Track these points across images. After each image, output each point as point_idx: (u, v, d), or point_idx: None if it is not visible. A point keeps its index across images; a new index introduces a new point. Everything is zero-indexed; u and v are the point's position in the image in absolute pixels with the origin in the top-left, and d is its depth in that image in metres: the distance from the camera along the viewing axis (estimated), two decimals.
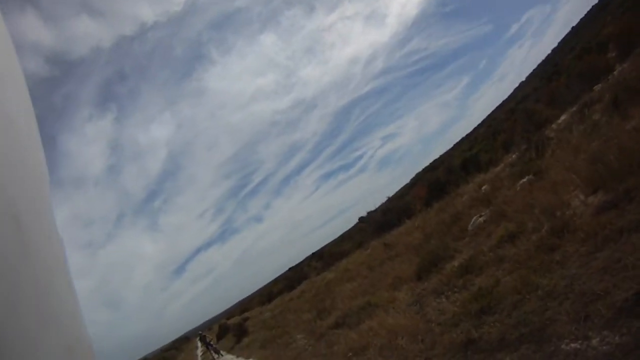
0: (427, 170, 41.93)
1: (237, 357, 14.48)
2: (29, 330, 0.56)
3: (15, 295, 0.54)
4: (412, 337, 5.19)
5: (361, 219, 28.45)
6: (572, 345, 2.92)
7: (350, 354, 6.42)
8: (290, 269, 49.71)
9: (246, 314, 31.25)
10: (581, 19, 58.46)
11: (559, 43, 65.53)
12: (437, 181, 15.58)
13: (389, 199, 26.85)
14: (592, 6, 51.84)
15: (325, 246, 47.05)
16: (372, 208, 26.10)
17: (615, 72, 9.81)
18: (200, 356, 24.87)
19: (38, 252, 0.62)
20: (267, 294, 34.66)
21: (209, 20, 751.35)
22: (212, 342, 19.24)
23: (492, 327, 4.00)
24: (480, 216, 7.95)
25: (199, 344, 28.49)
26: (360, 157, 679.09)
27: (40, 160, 0.72)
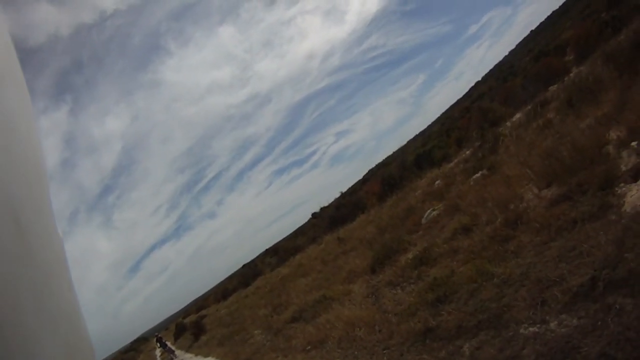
0: (380, 166, 42.47)
1: (196, 355, 14.14)
2: (29, 330, 0.56)
3: (15, 295, 0.54)
4: (370, 328, 5.14)
5: (314, 215, 28.50)
6: (531, 329, 2.93)
7: (309, 347, 6.34)
8: (244, 265, 48.99)
9: (203, 312, 30.80)
10: (541, 23, 60.40)
11: (517, 45, 68.18)
12: (390, 176, 15.74)
13: (342, 195, 27.11)
14: (553, 11, 54.09)
15: (279, 242, 46.72)
16: (325, 204, 26.37)
17: (571, 74, 10.22)
18: (159, 356, 24.43)
19: (38, 252, 0.62)
20: (222, 292, 34.01)
21: (169, 10, 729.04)
22: (167, 344, 20.00)
23: (450, 315, 3.98)
24: (434, 210, 8.06)
25: (157, 344, 28.60)
26: (314, 152, 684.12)
27: (40, 160, 0.73)
